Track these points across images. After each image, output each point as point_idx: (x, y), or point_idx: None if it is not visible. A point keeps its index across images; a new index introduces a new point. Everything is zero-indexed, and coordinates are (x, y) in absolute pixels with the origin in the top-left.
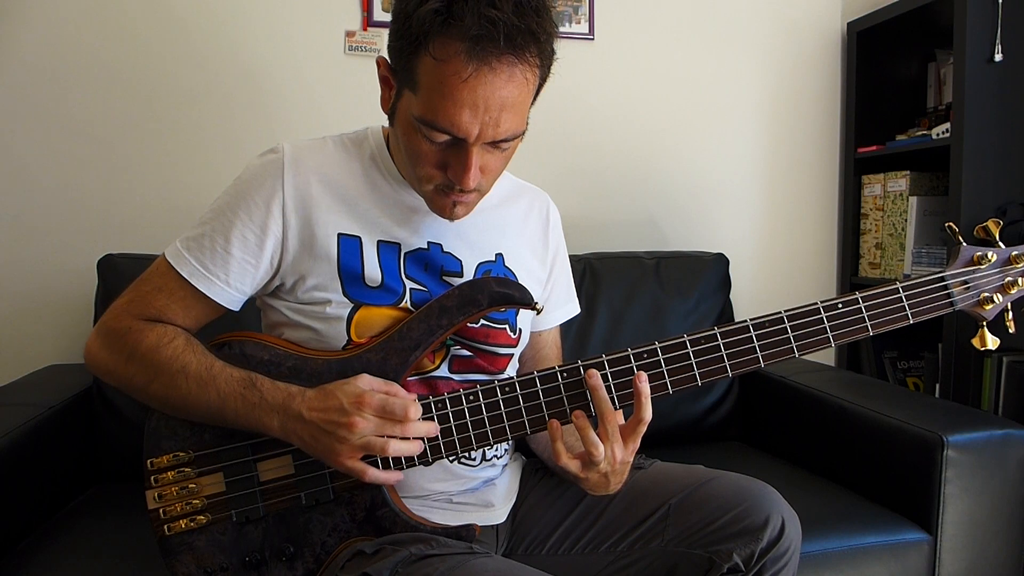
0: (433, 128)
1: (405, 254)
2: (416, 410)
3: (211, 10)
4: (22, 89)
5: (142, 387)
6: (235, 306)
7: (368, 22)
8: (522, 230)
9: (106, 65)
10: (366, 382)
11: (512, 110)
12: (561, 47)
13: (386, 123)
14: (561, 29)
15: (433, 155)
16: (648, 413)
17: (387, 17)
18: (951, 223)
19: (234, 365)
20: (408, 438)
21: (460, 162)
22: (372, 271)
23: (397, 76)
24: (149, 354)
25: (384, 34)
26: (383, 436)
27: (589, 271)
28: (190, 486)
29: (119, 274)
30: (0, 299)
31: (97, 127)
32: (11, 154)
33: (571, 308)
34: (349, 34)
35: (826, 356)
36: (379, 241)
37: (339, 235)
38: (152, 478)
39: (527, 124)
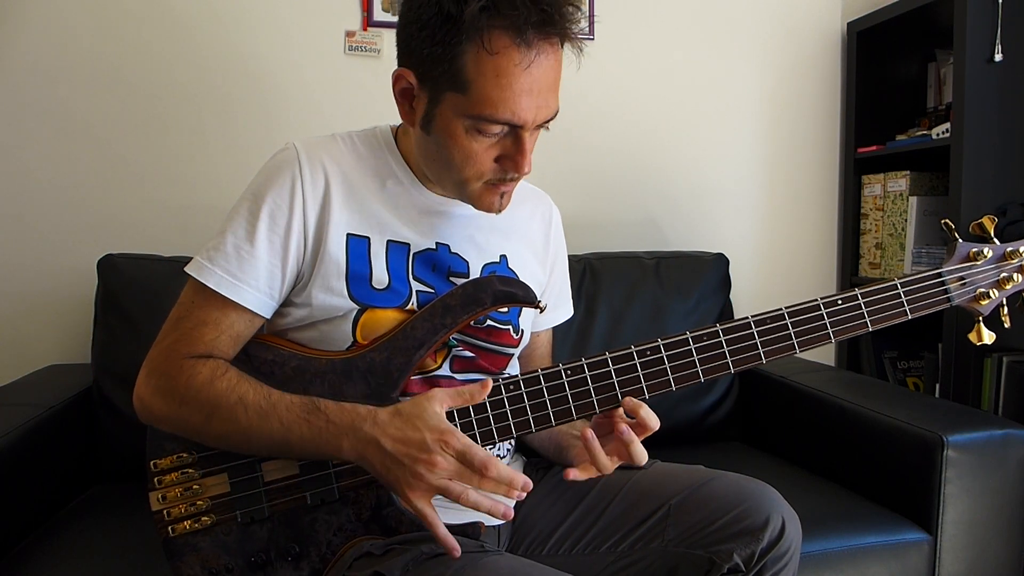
0: (492, 122)
1: (414, 254)
2: (496, 469)
3: (211, 10)
4: (22, 89)
5: (200, 427)
6: (269, 313)
7: (368, 22)
8: (526, 233)
9: (106, 65)
10: (439, 403)
11: (555, 89)
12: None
13: (392, 122)
14: None
15: (485, 151)
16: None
17: (387, 17)
18: (947, 220)
19: (292, 392)
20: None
21: (516, 150)
22: (380, 273)
23: (431, 83)
24: (204, 389)
25: (384, 34)
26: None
27: (589, 271)
28: (194, 487)
29: (119, 274)
30: (0, 299)
31: (97, 127)
32: (11, 154)
33: (565, 312)
34: (349, 34)
35: (826, 356)
36: (389, 241)
37: (348, 235)
38: (155, 479)
39: None
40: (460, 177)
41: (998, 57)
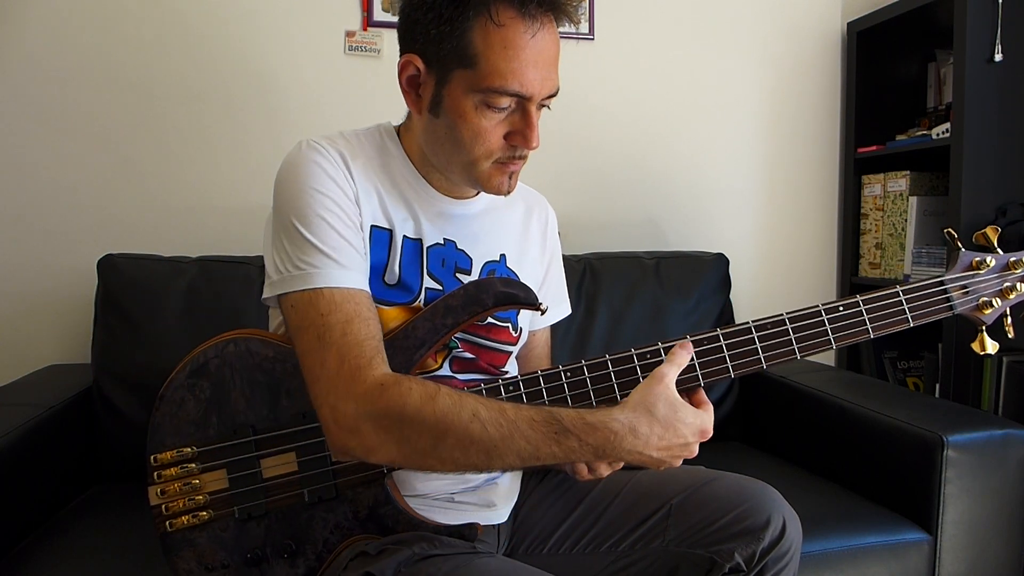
0: (501, 93)
1: (428, 248)
2: None
3: (212, 10)
4: (23, 88)
5: (426, 450)
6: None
7: (368, 22)
8: (524, 232)
9: (106, 64)
10: (672, 381)
11: (556, 64)
12: (561, 47)
13: (394, 120)
14: (561, 29)
15: (494, 128)
16: None
17: (387, 17)
18: (950, 228)
19: (518, 402)
20: None
21: (525, 124)
22: (394, 267)
23: (439, 64)
24: (425, 408)
25: (385, 34)
26: None
27: (589, 271)
28: (193, 482)
29: (119, 274)
30: (0, 299)
31: (97, 126)
32: (12, 154)
33: (563, 309)
34: (349, 34)
35: (826, 356)
36: (404, 236)
37: (372, 227)
38: (155, 474)
39: None
40: (470, 157)
41: (998, 57)
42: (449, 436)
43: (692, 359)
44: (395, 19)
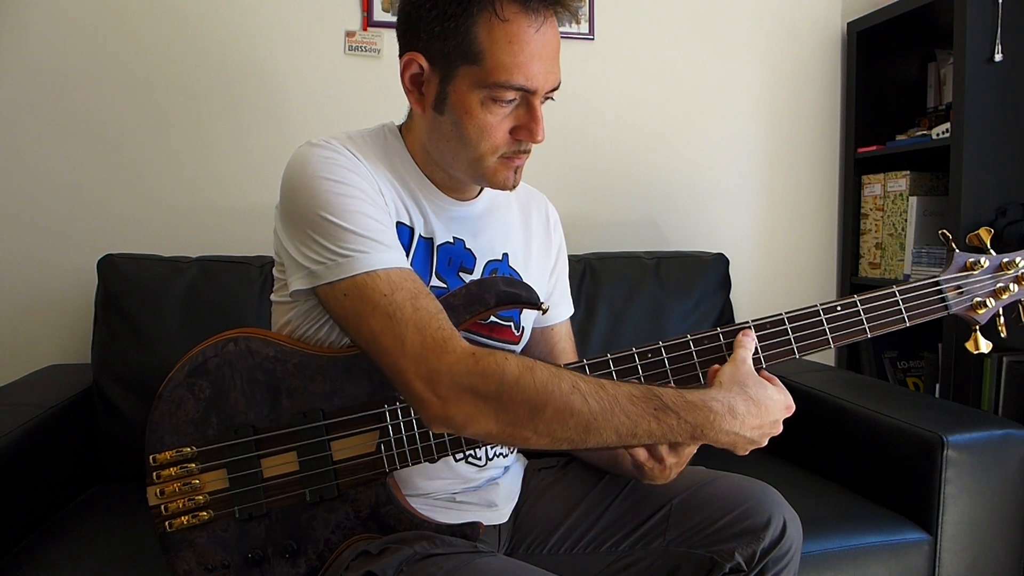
0: (507, 88)
1: (438, 247)
2: None
3: (212, 10)
4: (24, 88)
5: (522, 421)
6: None
7: (368, 22)
8: (526, 229)
9: (107, 64)
10: (750, 358)
11: (558, 58)
12: (562, 47)
13: (396, 120)
14: (561, 29)
15: (500, 123)
16: None
17: (387, 17)
18: (944, 230)
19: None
20: None
21: (530, 118)
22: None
23: (443, 61)
24: (524, 378)
25: (385, 34)
26: None
27: (589, 271)
28: (193, 482)
29: (119, 274)
30: (0, 299)
31: (97, 126)
32: (12, 153)
33: (569, 307)
34: (349, 34)
35: (826, 356)
36: (419, 235)
37: (397, 223)
38: (154, 474)
39: None
40: (476, 153)
41: (998, 57)
42: (549, 406)
43: (693, 357)
44: (395, 19)
